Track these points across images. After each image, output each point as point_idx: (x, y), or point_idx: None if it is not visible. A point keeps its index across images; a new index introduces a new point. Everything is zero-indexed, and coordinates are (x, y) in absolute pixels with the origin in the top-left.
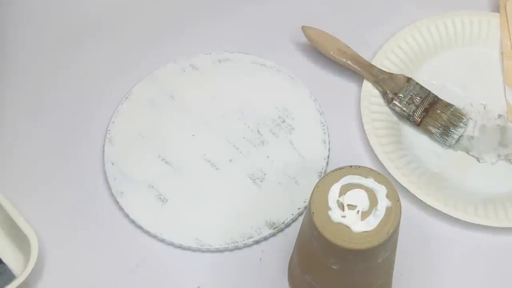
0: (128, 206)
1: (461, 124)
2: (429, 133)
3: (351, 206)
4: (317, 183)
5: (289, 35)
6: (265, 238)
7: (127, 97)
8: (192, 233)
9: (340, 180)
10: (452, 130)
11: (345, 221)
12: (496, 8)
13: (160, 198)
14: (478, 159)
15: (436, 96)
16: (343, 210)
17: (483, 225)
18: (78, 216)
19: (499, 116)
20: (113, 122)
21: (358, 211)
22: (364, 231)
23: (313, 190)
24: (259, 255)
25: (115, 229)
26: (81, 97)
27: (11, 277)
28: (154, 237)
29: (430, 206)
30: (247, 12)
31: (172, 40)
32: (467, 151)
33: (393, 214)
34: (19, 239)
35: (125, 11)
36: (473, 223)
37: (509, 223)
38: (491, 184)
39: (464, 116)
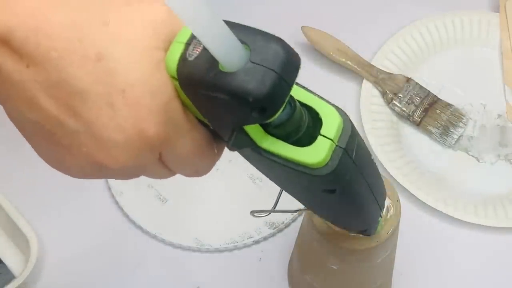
0: (128, 206)
1: (461, 124)
2: (429, 133)
3: None
4: None
5: (289, 35)
6: (265, 238)
7: None
8: (192, 233)
9: None
10: (452, 130)
11: None
12: (496, 8)
13: (159, 198)
14: (477, 159)
15: (435, 96)
16: None
17: (482, 225)
18: (78, 216)
19: (499, 116)
20: None
21: None
22: None
23: None
24: (259, 255)
25: (115, 229)
26: None
27: (10, 277)
28: (154, 237)
29: (430, 206)
30: (247, 12)
31: None
32: (466, 151)
33: (393, 214)
34: (19, 239)
35: None
36: (472, 223)
37: (509, 222)
38: (491, 184)
39: (463, 116)
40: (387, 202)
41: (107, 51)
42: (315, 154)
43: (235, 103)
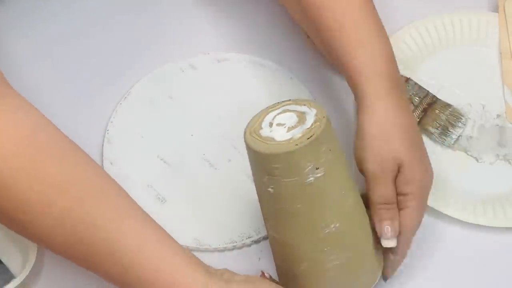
0: None
1: (460, 124)
2: (428, 133)
3: (280, 124)
4: (257, 113)
5: (289, 35)
6: (264, 238)
7: (125, 97)
8: (191, 233)
9: (278, 109)
10: (451, 130)
11: (272, 134)
12: (495, 8)
13: (159, 198)
14: (476, 159)
15: (434, 96)
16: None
17: (481, 225)
18: None
19: (498, 116)
20: (112, 122)
21: (286, 127)
22: (288, 139)
23: (252, 118)
24: (258, 255)
25: None
26: (80, 97)
27: (9, 277)
28: None
29: (429, 206)
30: (247, 12)
31: (171, 40)
32: (465, 151)
33: (318, 126)
34: (18, 239)
35: (123, 11)
36: (471, 223)
37: (508, 222)
38: (490, 184)
39: (462, 116)
40: (315, 118)
41: None
42: None
43: None
